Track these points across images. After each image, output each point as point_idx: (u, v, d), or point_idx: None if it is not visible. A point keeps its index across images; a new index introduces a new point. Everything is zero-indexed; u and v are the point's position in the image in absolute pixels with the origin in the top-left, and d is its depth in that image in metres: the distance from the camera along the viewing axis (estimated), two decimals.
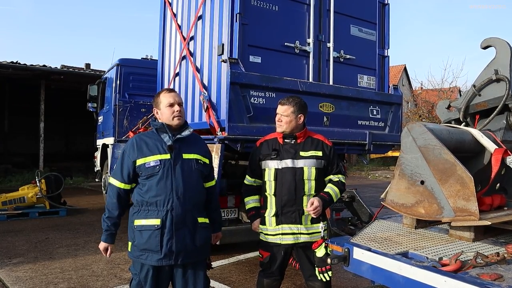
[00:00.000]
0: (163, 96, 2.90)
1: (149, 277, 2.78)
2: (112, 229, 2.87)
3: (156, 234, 2.72)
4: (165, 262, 2.75)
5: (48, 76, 15.09)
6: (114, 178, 2.86)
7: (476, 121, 3.25)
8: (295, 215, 3.16)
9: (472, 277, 1.94)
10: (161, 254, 2.73)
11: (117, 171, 2.86)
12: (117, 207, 2.85)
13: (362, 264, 2.41)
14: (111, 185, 2.88)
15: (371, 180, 19.98)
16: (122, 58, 9.38)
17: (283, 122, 3.19)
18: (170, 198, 2.74)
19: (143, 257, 2.76)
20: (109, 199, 2.88)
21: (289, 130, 3.20)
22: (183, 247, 2.77)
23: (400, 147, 2.70)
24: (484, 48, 3.17)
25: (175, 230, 2.74)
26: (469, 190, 2.28)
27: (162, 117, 2.89)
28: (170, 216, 2.74)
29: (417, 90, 32.62)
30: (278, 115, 3.22)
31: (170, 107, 2.85)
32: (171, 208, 2.74)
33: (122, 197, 2.86)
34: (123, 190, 2.85)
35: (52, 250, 6.13)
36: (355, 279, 5.11)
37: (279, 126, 3.23)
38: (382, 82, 6.15)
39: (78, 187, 14.88)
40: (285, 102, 3.21)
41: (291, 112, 3.16)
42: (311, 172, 3.16)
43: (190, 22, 5.85)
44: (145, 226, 2.75)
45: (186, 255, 2.80)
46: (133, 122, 8.88)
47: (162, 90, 2.98)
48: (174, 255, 2.75)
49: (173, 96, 2.89)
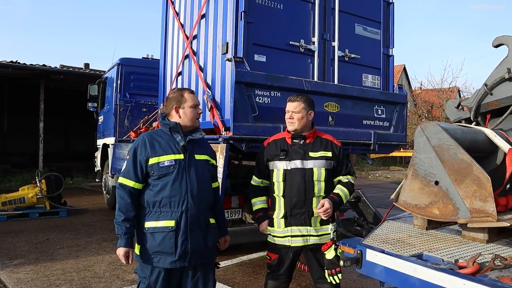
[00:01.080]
0: (188, 96, 2.85)
1: (160, 280, 2.70)
2: (132, 232, 2.71)
3: (171, 236, 2.65)
4: (179, 264, 2.69)
5: (47, 76, 15.01)
6: (126, 178, 2.73)
7: (487, 121, 3.21)
8: (305, 217, 3.10)
9: (492, 280, 1.89)
10: (175, 256, 2.66)
11: (129, 170, 2.73)
12: (132, 208, 2.71)
13: (376, 266, 2.36)
14: (122, 185, 2.74)
15: (372, 180, 19.95)
16: (123, 58, 9.34)
17: (295, 119, 3.12)
18: (185, 199, 2.69)
19: (155, 260, 2.68)
20: (121, 201, 2.71)
21: (300, 127, 3.14)
22: (197, 248, 2.72)
23: (413, 147, 2.65)
24: (496, 47, 3.12)
25: (190, 231, 2.69)
26: (487, 191, 2.23)
27: (184, 117, 2.83)
28: (185, 217, 2.68)
29: (417, 90, 32.61)
30: (289, 112, 3.15)
31: (194, 109, 2.85)
32: (186, 209, 2.68)
33: (135, 197, 2.73)
34: (136, 190, 2.73)
35: (53, 251, 6.06)
36: (360, 280, 5.06)
37: (290, 124, 3.15)
38: (387, 82, 6.11)
39: (78, 187, 14.80)
40: (295, 99, 3.15)
41: (302, 108, 3.11)
42: (320, 173, 3.10)
43: (193, 21, 5.79)
44: (158, 228, 2.67)
45: (199, 256, 2.75)
46: (134, 121, 8.84)
47: (185, 89, 2.93)
48: (188, 257, 2.70)
49: (196, 98, 2.92)
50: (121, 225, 2.67)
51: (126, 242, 2.68)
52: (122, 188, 2.73)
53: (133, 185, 2.72)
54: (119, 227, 2.68)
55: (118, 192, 2.75)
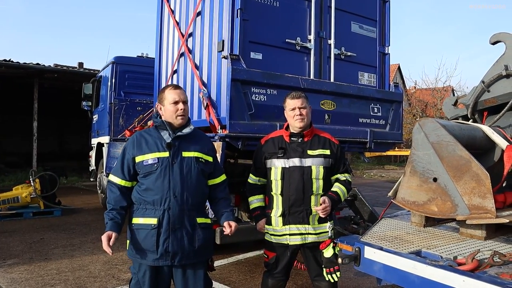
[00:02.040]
0: (168, 93, 2.80)
1: (147, 277, 2.71)
2: (118, 218, 2.71)
3: (153, 233, 2.65)
4: (161, 262, 2.68)
5: (41, 75, 14.90)
6: (115, 176, 2.77)
7: (484, 118, 3.20)
8: (303, 215, 3.08)
9: (492, 277, 1.88)
10: (157, 254, 2.66)
11: (117, 168, 2.77)
12: (121, 200, 2.74)
13: (374, 263, 2.35)
14: (111, 182, 2.78)
15: (367, 179, 19.99)
16: (117, 56, 9.27)
17: (305, 115, 3.09)
18: (167, 198, 2.66)
19: (141, 257, 2.70)
20: (111, 194, 2.76)
21: (308, 122, 3.14)
22: (180, 248, 2.69)
23: (412, 144, 2.64)
24: (493, 44, 3.12)
25: (172, 231, 2.67)
26: (485, 187, 2.23)
27: (165, 114, 2.80)
28: (167, 216, 2.66)
29: (411, 89, 32.71)
30: (296, 110, 3.09)
31: (174, 105, 2.76)
32: (168, 208, 2.66)
33: (125, 193, 2.77)
34: (124, 187, 2.76)
35: (48, 251, 6.01)
36: (356, 278, 5.05)
37: (300, 120, 3.08)
38: (383, 80, 6.10)
39: (73, 186, 14.72)
40: (299, 95, 3.13)
41: (307, 103, 3.13)
42: (319, 171, 3.08)
43: (188, 19, 5.76)
44: (142, 225, 2.69)
45: (183, 256, 2.71)
46: (129, 120, 8.78)
47: (168, 86, 2.89)
48: (171, 256, 2.67)
49: (179, 93, 2.80)
50: (108, 213, 2.73)
51: (111, 226, 2.68)
52: (112, 185, 2.79)
53: (120, 182, 2.75)
54: (106, 215, 2.73)
55: (109, 187, 2.81)
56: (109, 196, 2.78)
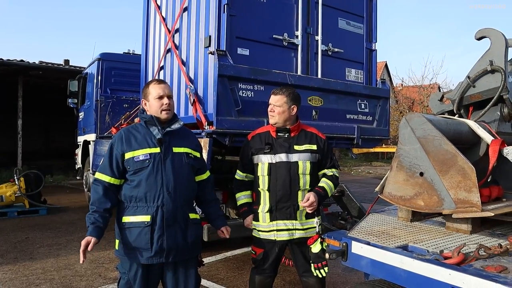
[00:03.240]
0: (152, 87, 2.76)
1: (139, 275, 2.65)
2: (100, 222, 2.60)
3: (146, 231, 2.60)
4: (156, 260, 2.63)
5: (26, 72, 14.67)
6: (102, 173, 2.68)
7: (470, 113, 3.22)
8: (290, 211, 3.07)
9: (477, 270, 1.89)
10: (151, 252, 2.60)
11: (105, 165, 2.68)
12: (105, 201, 2.63)
13: (361, 258, 2.34)
14: (98, 180, 2.68)
15: (354, 176, 20.10)
16: (103, 53, 9.17)
17: (276, 113, 3.09)
18: (161, 194, 2.62)
19: (132, 256, 2.63)
20: (95, 195, 2.65)
21: (281, 121, 3.11)
22: (175, 245, 2.65)
23: (398, 138, 2.64)
24: (478, 39, 3.13)
25: (166, 227, 2.63)
26: (471, 181, 2.23)
27: (150, 109, 2.76)
28: (161, 212, 2.61)
29: (398, 86, 32.96)
30: (271, 105, 3.12)
31: (159, 100, 2.73)
32: (161, 204, 2.62)
33: (111, 192, 2.67)
34: (112, 185, 2.67)
35: (33, 250, 5.92)
36: (344, 274, 5.07)
37: (271, 117, 3.13)
38: (370, 76, 6.12)
39: (59, 185, 14.55)
40: (278, 92, 3.12)
41: (284, 102, 3.07)
42: (306, 167, 3.08)
43: (175, 14, 5.70)
44: (134, 223, 2.62)
45: (178, 252, 2.68)
46: (116, 118, 8.69)
47: (152, 81, 2.85)
48: (165, 253, 2.63)
49: (163, 88, 2.76)
50: (90, 216, 2.61)
51: (92, 230, 2.57)
52: (98, 183, 2.67)
53: (109, 180, 2.66)
54: (87, 218, 2.62)
55: (93, 187, 2.69)
56: (93, 196, 2.66)
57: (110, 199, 2.66)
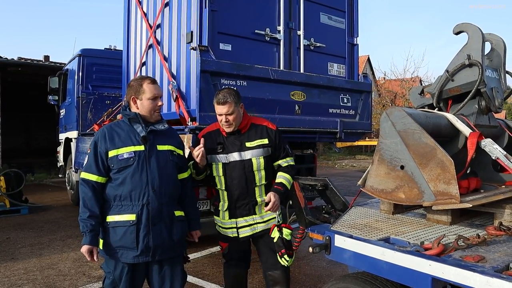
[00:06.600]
0: (147, 87, 2.72)
1: (124, 275, 2.64)
2: (97, 229, 2.59)
3: (132, 230, 2.58)
4: (142, 259, 2.62)
5: (4, 68, 14.36)
6: (88, 172, 2.64)
7: (449, 106, 3.27)
8: (249, 207, 3.13)
9: (456, 260, 1.93)
10: (137, 251, 2.59)
11: (90, 164, 2.64)
12: (97, 203, 2.60)
13: (344, 251, 2.37)
14: (85, 180, 2.63)
15: (338, 170, 20.26)
16: (84, 49, 9.04)
17: (231, 121, 3.02)
18: (146, 192, 2.61)
19: (118, 255, 2.61)
20: (85, 196, 2.60)
21: (238, 124, 3.09)
22: (160, 243, 2.65)
23: (379, 132, 2.67)
24: (456, 34, 3.17)
25: (152, 225, 2.62)
26: (450, 174, 2.28)
27: (142, 108, 2.72)
28: (146, 211, 2.60)
29: (380, 80, 33.28)
30: (222, 116, 3.02)
31: (153, 101, 2.72)
32: (147, 202, 2.61)
33: (99, 191, 2.64)
34: (99, 184, 2.64)
35: (15, 251, 5.83)
36: (329, 267, 5.13)
37: (227, 127, 3.06)
38: (352, 70, 6.16)
39: (41, 183, 14.31)
40: (224, 101, 2.99)
41: (234, 107, 3.01)
42: (260, 162, 3.10)
43: (156, 10, 5.65)
44: (118, 222, 2.60)
45: (164, 250, 2.68)
46: (98, 114, 8.60)
47: (145, 79, 2.78)
48: (151, 252, 2.63)
49: (158, 88, 2.77)
50: (86, 222, 2.56)
51: (91, 239, 2.56)
52: (85, 183, 2.63)
53: (96, 179, 2.63)
54: (84, 224, 2.56)
55: (81, 188, 2.64)
56: (84, 198, 2.61)
57: (98, 200, 2.63)
